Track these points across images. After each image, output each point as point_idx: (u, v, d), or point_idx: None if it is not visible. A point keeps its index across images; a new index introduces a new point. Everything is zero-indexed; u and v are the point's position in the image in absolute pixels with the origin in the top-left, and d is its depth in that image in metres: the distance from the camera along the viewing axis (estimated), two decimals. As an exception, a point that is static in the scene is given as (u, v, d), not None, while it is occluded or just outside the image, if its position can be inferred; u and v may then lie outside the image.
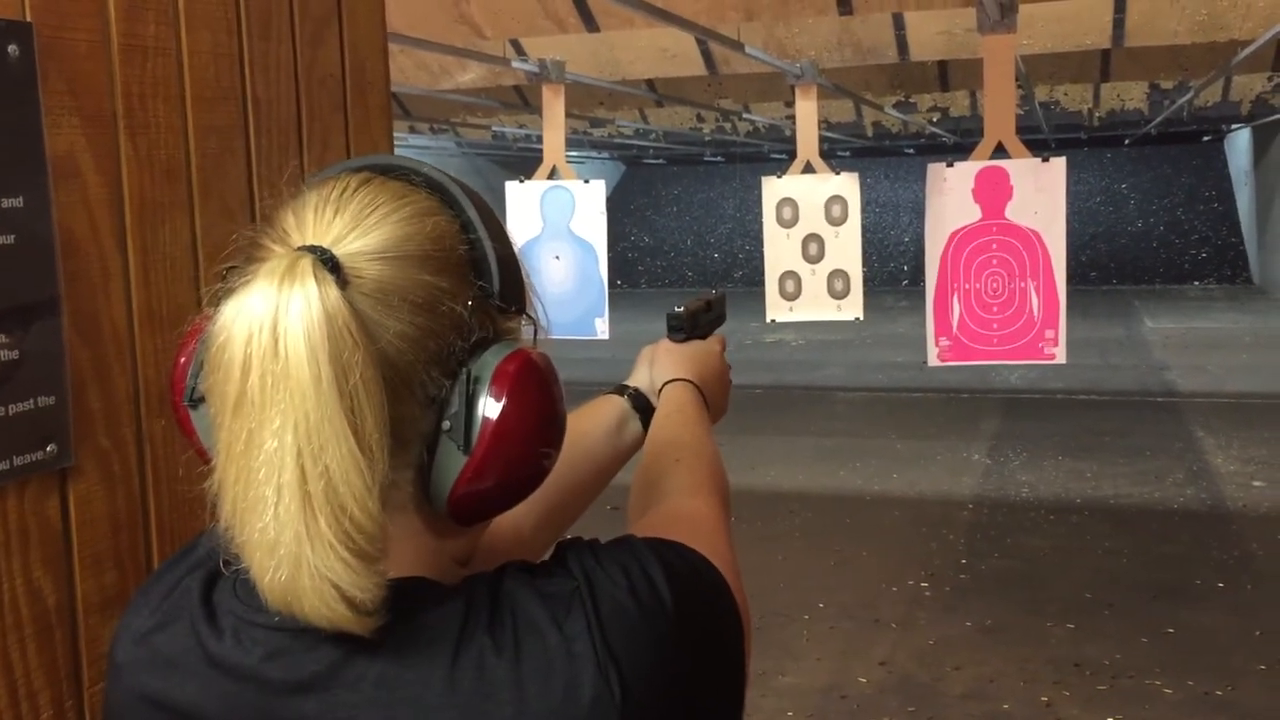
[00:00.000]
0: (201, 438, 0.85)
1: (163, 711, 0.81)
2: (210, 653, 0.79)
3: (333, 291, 0.73)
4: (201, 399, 0.81)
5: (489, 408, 0.78)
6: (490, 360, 0.79)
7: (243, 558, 0.75)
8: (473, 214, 0.83)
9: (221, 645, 0.79)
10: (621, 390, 1.29)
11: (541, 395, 0.80)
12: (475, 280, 0.81)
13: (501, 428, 0.78)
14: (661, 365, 1.29)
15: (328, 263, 0.75)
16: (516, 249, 0.86)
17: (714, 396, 1.29)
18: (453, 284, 0.80)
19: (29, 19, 1.02)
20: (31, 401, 1.01)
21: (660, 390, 1.26)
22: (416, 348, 0.77)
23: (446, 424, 0.79)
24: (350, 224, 0.79)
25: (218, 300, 0.77)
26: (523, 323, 0.86)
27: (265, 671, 0.77)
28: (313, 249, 0.76)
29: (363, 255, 0.77)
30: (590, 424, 1.25)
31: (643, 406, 1.27)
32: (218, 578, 0.82)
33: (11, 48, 0.99)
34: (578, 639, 0.75)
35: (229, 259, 0.81)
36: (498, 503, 0.81)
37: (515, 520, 1.04)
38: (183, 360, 0.87)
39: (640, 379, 1.30)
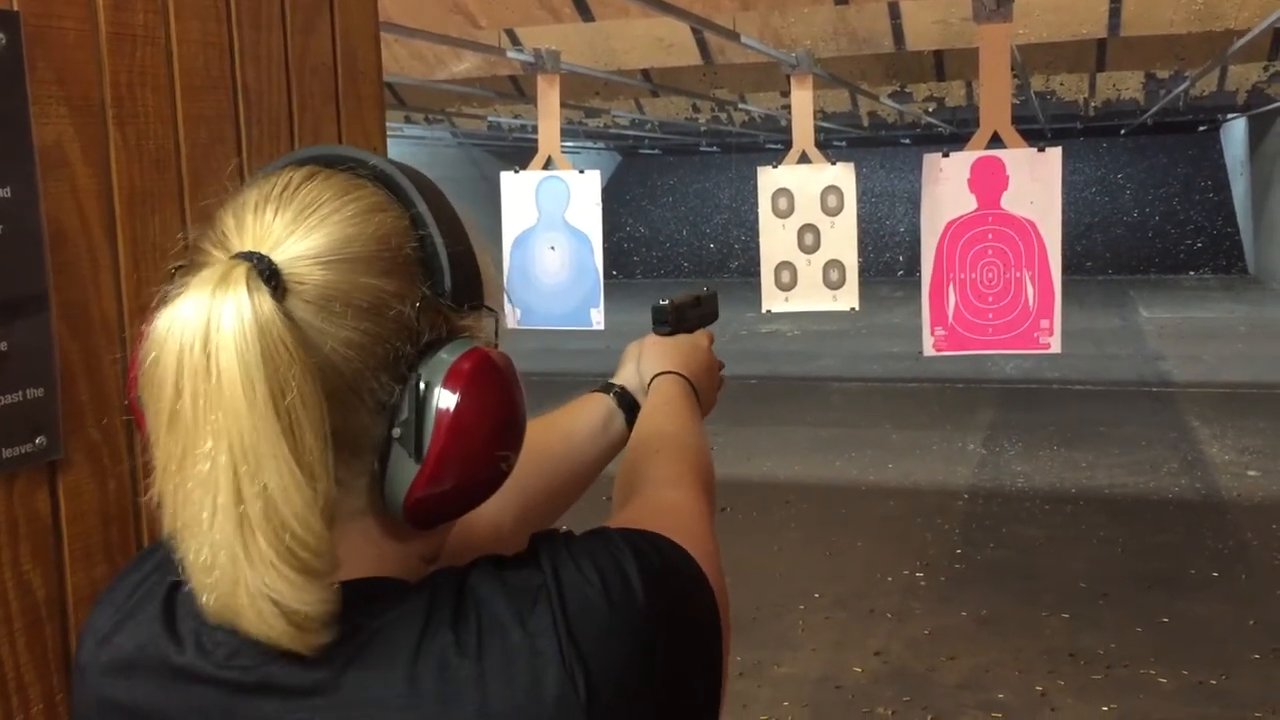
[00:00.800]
0: None
1: (124, 715, 0.79)
2: (171, 662, 0.78)
3: (267, 303, 0.71)
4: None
5: (441, 410, 0.76)
6: (444, 359, 0.77)
7: (185, 574, 0.73)
8: (423, 208, 0.79)
9: (183, 655, 0.77)
10: (607, 388, 1.27)
11: (498, 395, 0.77)
12: (425, 279, 0.78)
13: (455, 429, 0.76)
14: (650, 359, 1.27)
15: (264, 271, 0.72)
16: (475, 241, 0.83)
17: (703, 390, 1.27)
18: (400, 286, 0.76)
19: (16, 8, 1.01)
20: (20, 393, 1.00)
21: (649, 384, 1.24)
22: (364, 354, 0.74)
23: (397, 431, 0.76)
24: (290, 225, 0.75)
25: (159, 306, 0.74)
26: (484, 315, 0.83)
27: (227, 673, 0.76)
28: (249, 256, 0.73)
29: (303, 260, 0.74)
30: (575, 422, 1.23)
31: (628, 404, 1.25)
32: (181, 583, 0.80)
33: (-2, 36, 0.98)
34: (541, 636, 0.73)
35: (176, 259, 0.79)
36: (455, 508, 0.79)
37: (494, 517, 1.02)
38: (135, 364, 0.84)
39: (626, 376, 1.28)
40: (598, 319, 4.91)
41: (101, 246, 1.09)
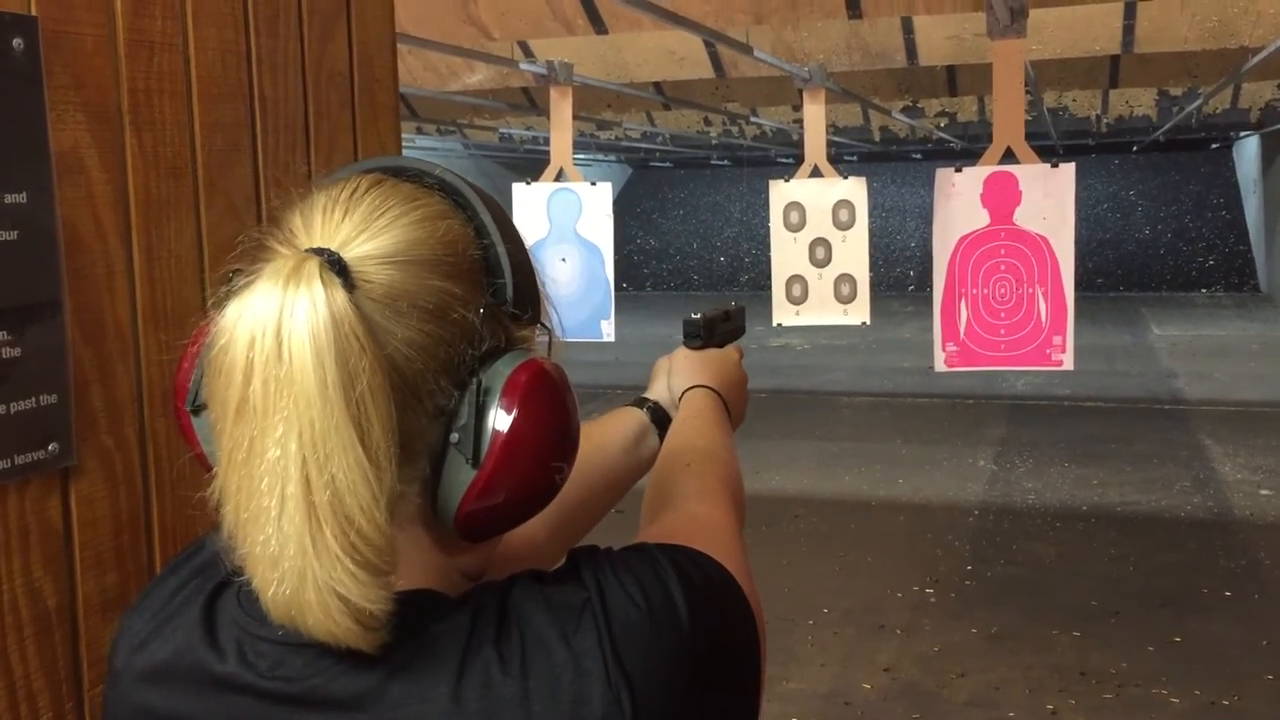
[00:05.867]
0: (203, 444, 0.82)
1: None
2: (211, 671, 0.77)
3: (340, 295, 0.71)
4: (203, 405, 0.78)
5: (499, 420, 0.75)
6: (502, 370, 0.77)
7: (246, 570, 0.72)
8: (486, 218, 0.80)
9: (224, 664, 0.77)
10: (640, 403, 1.27)
11: (554, 407, 0.78)
12: (488, 287, 0.79)
13: (512, 440, 0.75)
14: (681, 373, 1.28)
15: (335, 265, 0.73)
16: (531, 255, 0.84)
17: (734, 404, 1.27)
18: (464, 290, 0.77)
19: (34, 13, 1.01)
20: (33, 400, 1.00)
21: (681, 398, 1.24)
22: (425, 356, 0.75)
23: (455, 436, 0.76)
24: (359, 226, 0.76)
25: (221, 303, 0.74)
26: (537, 331, 0.83)
27: (268, 684, 0.75)
28: (320, 251, 0.74)
29: (371, 259, 0.75)
30: (608, 436, 1.23)
31: (661, 420, 1.25)
32: (223, 588, 0.80)
33: (16, 41, 0.98)
34: (587, 654, 0.73)
35: (235, 260, 0.78)
36: (508, 519, 0.78)
37: (529, 529, 1.02)
38: (186, 364, 0.84)
39: (658, 391, 1.28)
40: (608, 331, 4.91)
41: (117, 253, 1.08)
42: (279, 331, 0.70)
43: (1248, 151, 18.32)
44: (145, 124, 1.11)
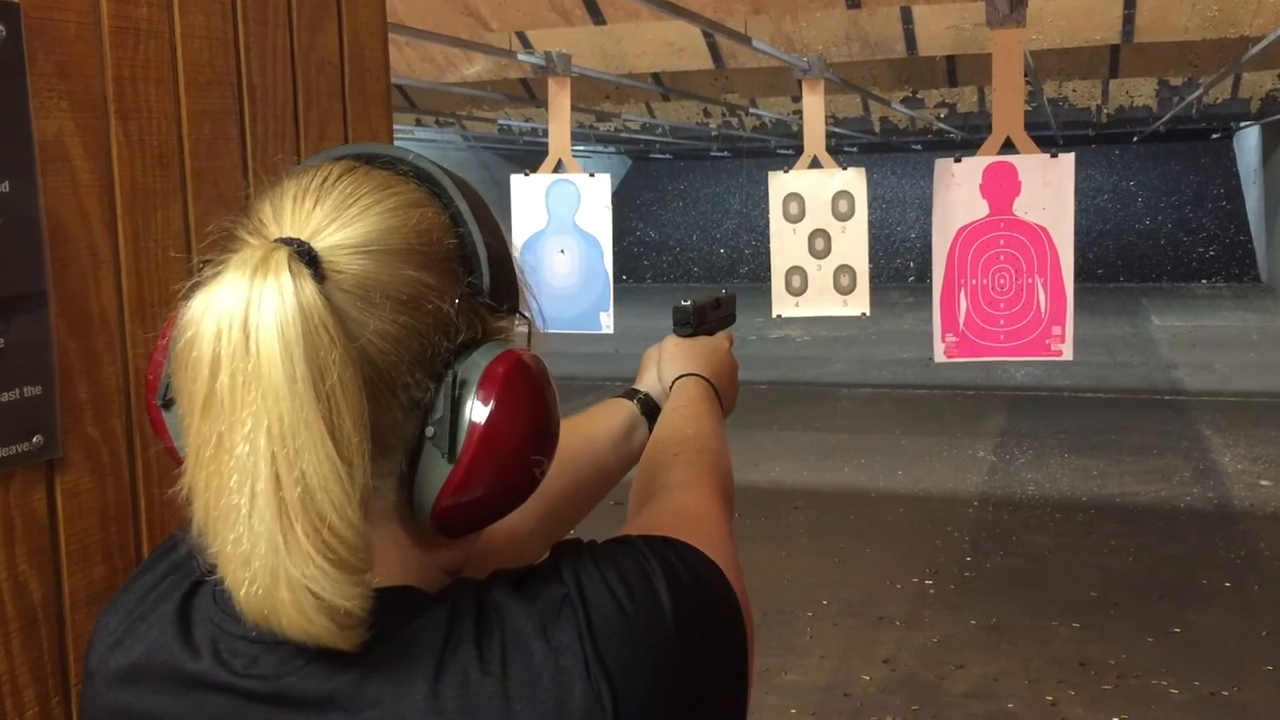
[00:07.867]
0: (174, 439, 0.81)
1: None
2: (185, 670, 0.76)
3: (309, 286, 0.69)
4: (173, 400, 0.76)
5: (476, 413, 0.74)
6: (478, 361, 0.75)
7: (218, 568, 0.71)
8: (463, 206, 0.78)
9: (198, 662, 0.75)
10: (631, 395, 1.26)
11: (533, 399, 0.76)
12: (464, 277, 0.77)
13: (489, 434, 0.74)
14: (671, 362, 1.26)
15: (304, 255, 0.71)
16: (510, 243, 0.82)
17: (725, 392, 1.26)
18: (439, 280, 0.75)
19: (16, 0, 0.99)
20: (17, 391, 0.99)
21: (671, 386, 1.23)
22: (399, 348, 0.73)
23: (430, 430, 0.74)
24: (330, 215, 0.74)
25: (188, 294, 0.72)
26: (516, 322, 0.82)
27: (243, 682, 0.74)
28: (289, 241, 0.72)
29: (343, 248, 0.73)
30: (598, 428, 1.22)
31: (651, 411, 1.24)
32: (198, 585, 0.79)
33: (-2, 29, 0.97)
34: (566, 651, 0.71)
35: (205, 251, 0.77)
36: (485, 515, 0.77)
37: (512, 522, 1.01)
38: (157, 357, 0.83)
39: (649, 382, 1.27)
40: (607, 323, 4.89)
41: (102, 243, 1.07)
42: (245, 324, 0.68)
43: (1248, 142, 18.29)
44: (131, 112, 1.10)
